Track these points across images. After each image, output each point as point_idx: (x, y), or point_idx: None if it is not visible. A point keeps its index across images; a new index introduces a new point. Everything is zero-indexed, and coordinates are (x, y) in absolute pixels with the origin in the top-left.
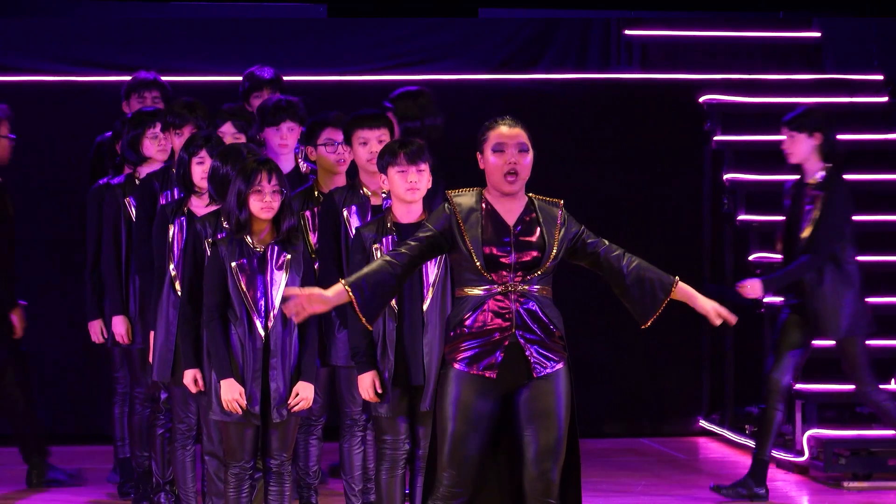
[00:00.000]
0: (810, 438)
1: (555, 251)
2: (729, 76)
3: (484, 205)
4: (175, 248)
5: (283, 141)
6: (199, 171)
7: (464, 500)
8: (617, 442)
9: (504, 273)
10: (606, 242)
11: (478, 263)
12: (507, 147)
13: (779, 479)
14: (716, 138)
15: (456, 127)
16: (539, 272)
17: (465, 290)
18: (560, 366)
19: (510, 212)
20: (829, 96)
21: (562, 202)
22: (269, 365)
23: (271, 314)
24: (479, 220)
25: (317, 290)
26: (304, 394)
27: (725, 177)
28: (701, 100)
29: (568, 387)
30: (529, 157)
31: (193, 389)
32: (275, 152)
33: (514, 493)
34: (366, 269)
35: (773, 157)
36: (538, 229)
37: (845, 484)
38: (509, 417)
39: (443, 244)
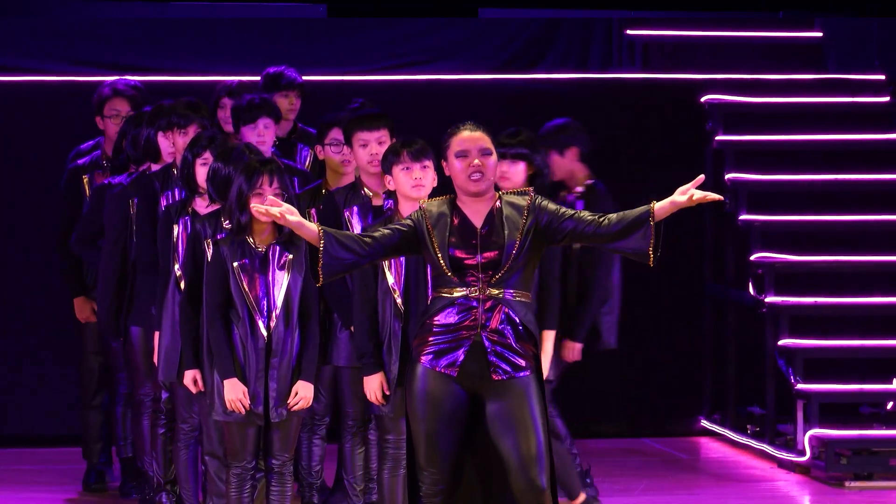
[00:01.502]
0: (812, 438)
1: (516, 246)
2: (731, 76)
3: (453, 210)
4: (179, 249)
5: (261, 138)
6: (203, 171)
7: (444, 492)
8: (618, 442)
9: (472, 274)
10: (579, 215)
11: (444, 266)
12: (469, 152)
13: (780, 479)
14: (717, 138)
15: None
16: (505, 269)
17: (440, 290)
18: (527, 373)
19: (478, 213)
20: (830, 96)
21: (531, 190)
22: (269, 364)
23: (273, 314)
24: (448, 225)
25: (294, 210)
26: (303, 393)
27: (727, 177)
28: (703, 100)
29: (538, 394)
30: (493, 159)
31: (193, 390)
32: None
33: (491, 489)
34: (344, 232)
35: (776, 157)
36: (504, 226)
37: (847, 484)
38: (481, 422)
39: (411, 241)
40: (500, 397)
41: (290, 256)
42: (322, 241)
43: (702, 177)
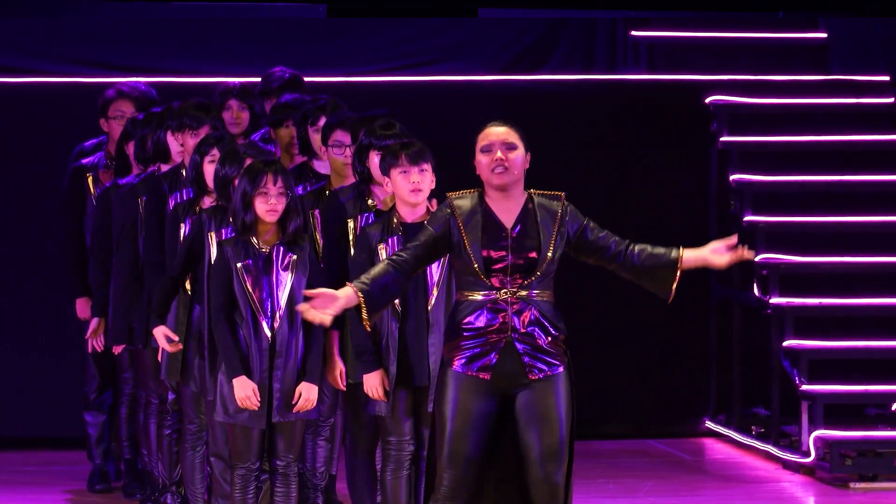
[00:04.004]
0: (817, 439)
1: (552, 250)
2: (735, 77)
3: (483, 207)
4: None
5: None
6: (212, 170)
7: (463, 495)
8: (623, 443)
9: (502, 276)
10: (612, 237)
11: (476, 267)
12: (493, 146)
13: (785, 480)
14: (722, 139)
15: (461, 129)
16: (538, 273)
17: (465, 293)
18: (560, 370)
19: (508, 212)
20: (835, 97)
21: (563, 195)
22: (273, 366)
23: (277, 315)
24: (479, 223)
25: (329, 292)
26: (307, 395)
27: (732, 178)
28: (707, 100)
29: (568, 391)
30: (519, 154)
31: (168, 347)
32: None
33: (517, 496)
34: (373, 272)
35: (780, 158)
36: (536, 228)
37: (852, 485)
38: (509, 420)
39: (442, 247)
40: (530, 391)
41: (294, 257)
42: (362, 300)
43: (734, 239)
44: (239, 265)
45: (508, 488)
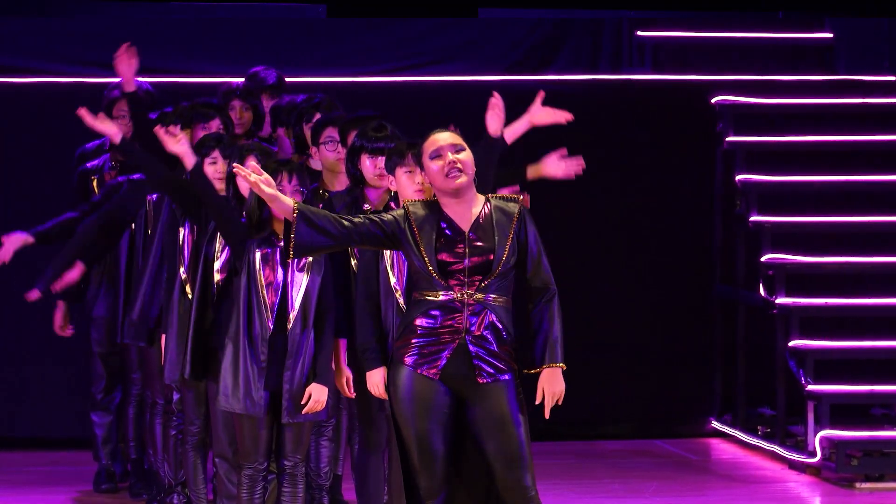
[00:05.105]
0: (823, 439)
1: (507, 251)
2: (741, 77)
3: (439, 213)
4: (185, 251)
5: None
6: (211, 171)
7: (444, 496)
8: (628, 444)
9: (459, 278)
10: (549, 274)
11: (431, 269)
12: (443, 150)
13: (791, 480)
14: (728, 139)
15: (463, 130)
16: (494, 276)
17: (424, 292)
18: (508, 376)
19: (464, 215)
20: (841, 97)
21: (521, 197)
22: (284, 366)
23: (290, 316)
24: (435, 227)
25: (272, 184)
26: (317, 396)
27: (738, 178)
28: (713, 101)
29: (519, 396)
30: (468, 155)
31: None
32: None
33: (483, 496)
34: (319, 210)
35: (786, 158)
36: (492, 230)
37: (857, 485)
38: (465, 429)
39: (388, 239)
40: (481, 400)
41: (310, 258)
42: (295, 221)
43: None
44: (258, 254)
45: (479, 493)
